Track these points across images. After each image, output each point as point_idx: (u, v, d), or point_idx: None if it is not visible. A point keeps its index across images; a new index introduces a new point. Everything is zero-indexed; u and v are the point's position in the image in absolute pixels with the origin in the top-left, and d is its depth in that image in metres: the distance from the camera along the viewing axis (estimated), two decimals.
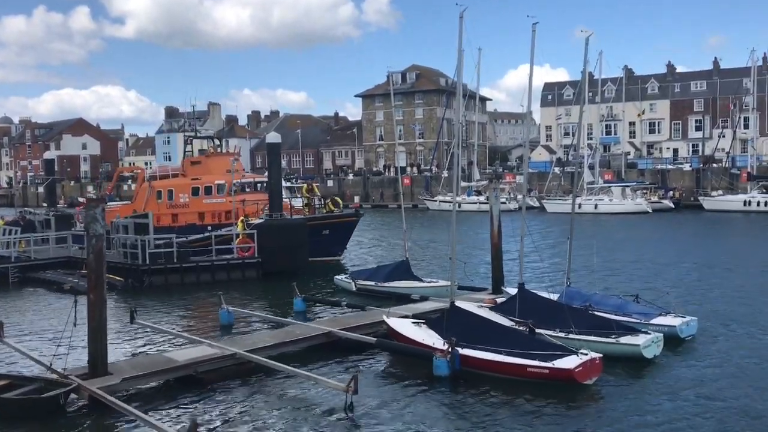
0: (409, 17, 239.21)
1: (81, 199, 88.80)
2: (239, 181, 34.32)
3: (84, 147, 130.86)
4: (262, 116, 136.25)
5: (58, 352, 14.01)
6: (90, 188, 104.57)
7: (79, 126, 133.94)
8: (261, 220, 29.03)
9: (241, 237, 27.83)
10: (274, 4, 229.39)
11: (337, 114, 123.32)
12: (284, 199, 31.42)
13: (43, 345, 17.04)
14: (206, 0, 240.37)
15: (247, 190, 34.74)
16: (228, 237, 27.95)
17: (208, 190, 34.58)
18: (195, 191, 34.41)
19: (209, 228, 32.06)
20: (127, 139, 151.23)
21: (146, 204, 34.41)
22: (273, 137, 31.48)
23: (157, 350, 16.44)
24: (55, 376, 13.33)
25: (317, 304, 21.95)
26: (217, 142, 40.08)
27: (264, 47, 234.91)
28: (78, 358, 14.96)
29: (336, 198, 35.41)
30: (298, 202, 33.07)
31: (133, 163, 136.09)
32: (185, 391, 13.43)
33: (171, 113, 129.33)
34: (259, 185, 36.08)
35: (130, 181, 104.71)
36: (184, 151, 39.77)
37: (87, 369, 13.46)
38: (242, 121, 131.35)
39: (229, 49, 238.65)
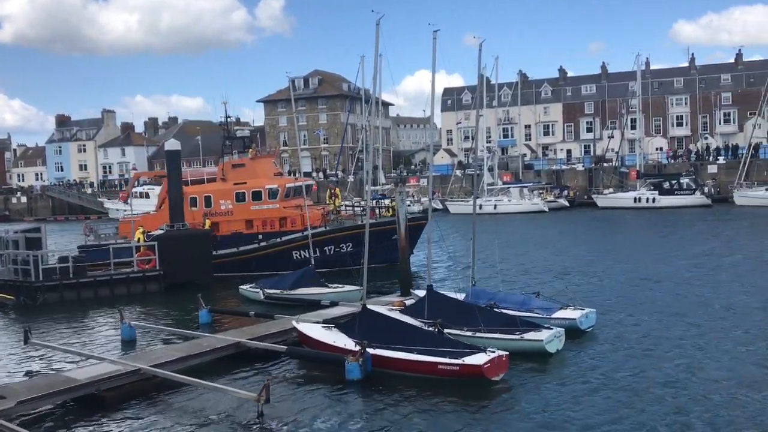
0: (304, 23, 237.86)
1: None
2: (292, 185, 32.27)
3: None
4: (160, 123, 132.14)
5: None
6: None
7: None
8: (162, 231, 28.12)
9: (141, 249, 26.94)
10: (163, 8, 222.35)
11: (238, 119, 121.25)
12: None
13: None
14: (90, 4, 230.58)
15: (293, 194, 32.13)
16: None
17: (256, 196, 31.44)
18: (240, 197, 31.30)
19: (260, 237, 30.20)
20: (14, 150, 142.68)
21: None
22: (172, 144, 30.52)
23: (55, 370, 15.62)
24: None
25: (224, 315, 21.46)
26: (254, 144, 35.93)
27: (154, 52, 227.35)
28: None
29: None
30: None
31: (22, 175, 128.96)
32: (87, 412, 12.84)
33: (62, 122, 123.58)
34: (307, 189, 33.77)
35: (19, 193, 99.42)
36: (222, 154, 36.73)
37: None
38: (139, 128, 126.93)
39: (118, 55, 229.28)
